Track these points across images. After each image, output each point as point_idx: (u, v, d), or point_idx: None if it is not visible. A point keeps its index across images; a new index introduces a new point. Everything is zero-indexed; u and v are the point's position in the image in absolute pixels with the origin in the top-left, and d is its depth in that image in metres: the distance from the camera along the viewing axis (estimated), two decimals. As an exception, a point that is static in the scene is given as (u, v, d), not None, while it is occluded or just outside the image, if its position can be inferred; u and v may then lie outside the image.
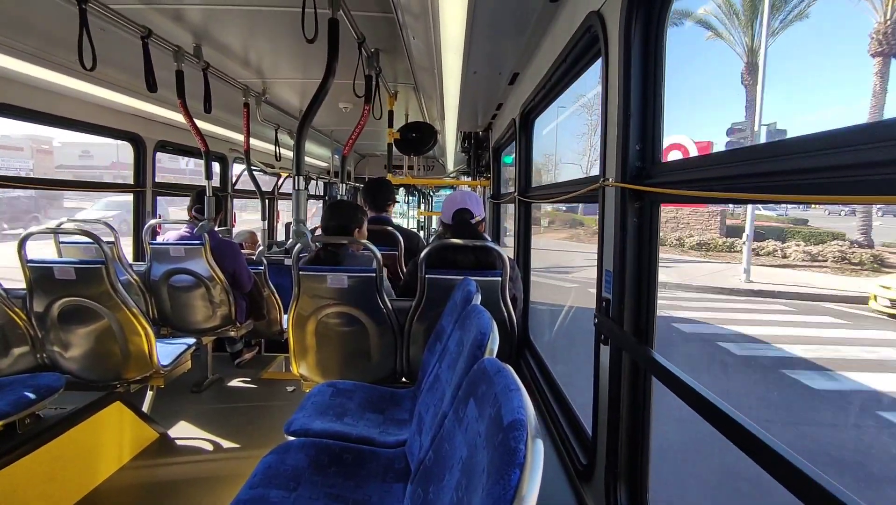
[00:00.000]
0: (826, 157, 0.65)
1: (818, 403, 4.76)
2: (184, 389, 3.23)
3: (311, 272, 2.15)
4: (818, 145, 0.66)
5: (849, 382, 5.21)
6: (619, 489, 1.27)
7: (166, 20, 2.29)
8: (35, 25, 2.23)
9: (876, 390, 5.04)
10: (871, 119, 11.22)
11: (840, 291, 9.69)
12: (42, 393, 2.06)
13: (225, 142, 4.86)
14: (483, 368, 0.98)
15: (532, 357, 2.63)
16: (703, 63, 20.39)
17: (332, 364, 2.30)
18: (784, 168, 0.73)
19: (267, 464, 1.51)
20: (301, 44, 1.93)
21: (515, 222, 3.15)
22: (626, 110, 1.21)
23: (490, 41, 2.31)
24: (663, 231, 9.79)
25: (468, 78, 2.80)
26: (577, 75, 1.98)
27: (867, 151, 0.58)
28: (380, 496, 1.44)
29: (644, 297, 1.22)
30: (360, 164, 8.07)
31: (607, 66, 1.34)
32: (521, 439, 0.71)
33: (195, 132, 2.97)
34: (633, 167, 1.21)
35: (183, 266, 3.02)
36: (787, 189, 0.73)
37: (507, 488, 0.67)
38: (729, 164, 0.87)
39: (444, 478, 1.02)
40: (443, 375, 1.55)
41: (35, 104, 2.80)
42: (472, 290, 1.79)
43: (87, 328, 2.42)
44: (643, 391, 1.23)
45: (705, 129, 27.12)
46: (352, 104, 4.02)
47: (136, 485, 2.26)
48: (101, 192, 15.06)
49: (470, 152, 5.45)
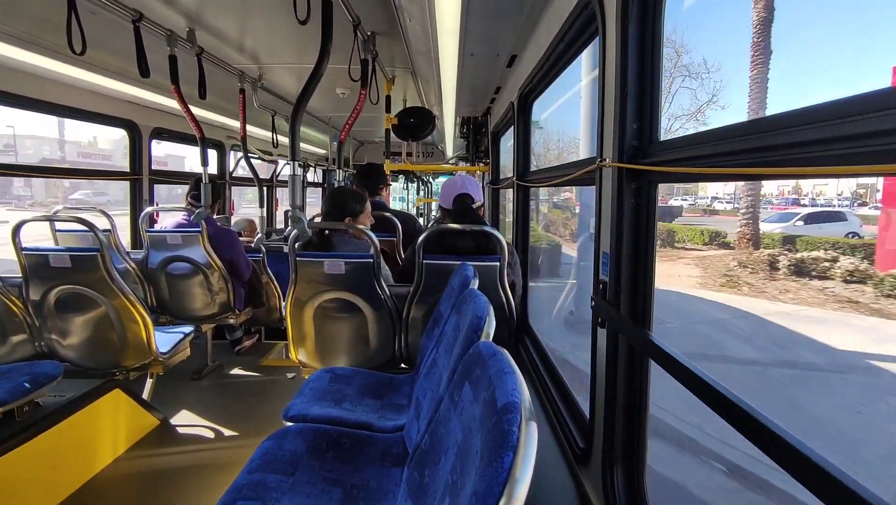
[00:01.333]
0: (828, 129, 0.62)
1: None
2: (184, 376, 3.24)
3: (308, 258, 2.14)
4: (819, 117, 0.64)
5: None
6: (615, 472, 1.27)
7: (158, 3, 2.25)
8: (22, 7, 2.18)
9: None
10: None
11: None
12: (40, 381, 2.06)
13: (222, 129, 4.82)
14: (478, 352, 0.97)
15: (531, 342, 2.63)
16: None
17: (331, 350, 2.30)
18: (784, 141, 0.71)
19: (265, 449, 1.51)
20: (297, 28, 1.90)
21: (514, 207, 3.13)
22: (623, 88, 1.18)
23: (487, 22, 2.27)
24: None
25: (465, 60, 2.76)
26: (575, 55, 1.95)
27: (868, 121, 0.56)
28: (377, 480, 1.45)
29: (641, 279, 1.21)
30: (360, 151, 8.02)
31: (604, 45, 1.31)
32: (515, 422, 0.70)
33: (190, 119, 2.94)
34: (630, 146, 1.19)
35: (180, 253, 3.01)
36: (788, 163, 0.71)
37: (501, 471, 0.66)
38: (727, 140, 0.85)
39: (440, 461, 1.02)
40: (440, 360, 1.55)
41: (26, 90, 2.76)
42: (469, 274, 1.78)
43: (84, 316, 2.42)
44: (640, 374, 1.23)
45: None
46: (349, 89, 3.97)
47: (135, 472, 2.27)
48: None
49: (468, 137, 5.42)
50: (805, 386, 4.97)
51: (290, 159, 2.13)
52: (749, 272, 9.57)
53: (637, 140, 1.19)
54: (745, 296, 8.65)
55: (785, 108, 0.69)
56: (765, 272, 9.42)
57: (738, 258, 10.29)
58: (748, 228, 11.30)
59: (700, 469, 3.45)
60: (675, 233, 13.55)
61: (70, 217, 2.41)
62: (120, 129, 3.65)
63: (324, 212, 2.40)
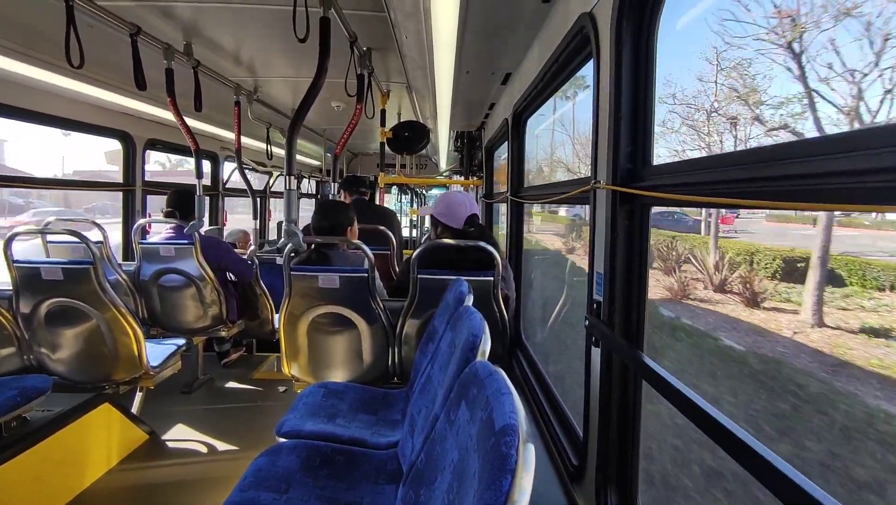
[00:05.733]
0: (820, 164, 0.64)
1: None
2: (174, 390, 3.20)
3: (303, 272, 2.14)
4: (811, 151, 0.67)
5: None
6: (609, 490, 1.28)
7: (156, 17, 2.26)
8: (21, 21, 2.19)
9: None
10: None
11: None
12: (29, 395, 2.03)
13: (216, 140, 4.82)
14: (475, 371, 0.98)
15: (524, 357, 2.64)
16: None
17: (324, 364, 2.29)
18: (776, 174, 0.73)
19: (258, 466, 1.50)
20: (293, 42, 1.91)
21: (508, 222, 3.15)
22: (618, 112, 1.21)
23: (482, 41, 2.31)
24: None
25: (461, 77, 2.80)
26: (570, 76, 1.99)
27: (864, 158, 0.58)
28: (371, 498, 1.44)
29: (634, 300, 1.22)
30: (353, 163, 8.03)
31: (598, 68, 1.34)
32: (513, 445, 0.70)
33: (185, 131, 2.94)
34: (623, 169, 1.22)
35: (173, 266, 2.99)
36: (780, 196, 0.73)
37: (499, 494, 0.66)
38: (720, 169, 0.87)
39: (436, 480, 1.02)
40: (435, 377, 1.55)
41: (21, 102, 2.76)
42: (463, 290, 1.78)
43: (74, 329, 2.39)
44: (633, 394, 1.24)
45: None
46: (344, 103, 4.00)
47: (125, 487, 2.23)
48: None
49: (463, 151, 5.46)
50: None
51: (286, 173, 2.14)
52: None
53: (630, 163, 1.21)
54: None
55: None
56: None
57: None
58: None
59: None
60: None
61: (62, 229, 2.39)
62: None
63: (315, 226, 2.38)
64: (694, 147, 5.12)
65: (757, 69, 4.25)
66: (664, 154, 5.21)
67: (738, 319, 5.14)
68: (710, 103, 4.91)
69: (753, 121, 4.58)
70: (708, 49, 4.53)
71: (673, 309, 5.83)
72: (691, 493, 3.30)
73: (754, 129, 4.65)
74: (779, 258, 5.35)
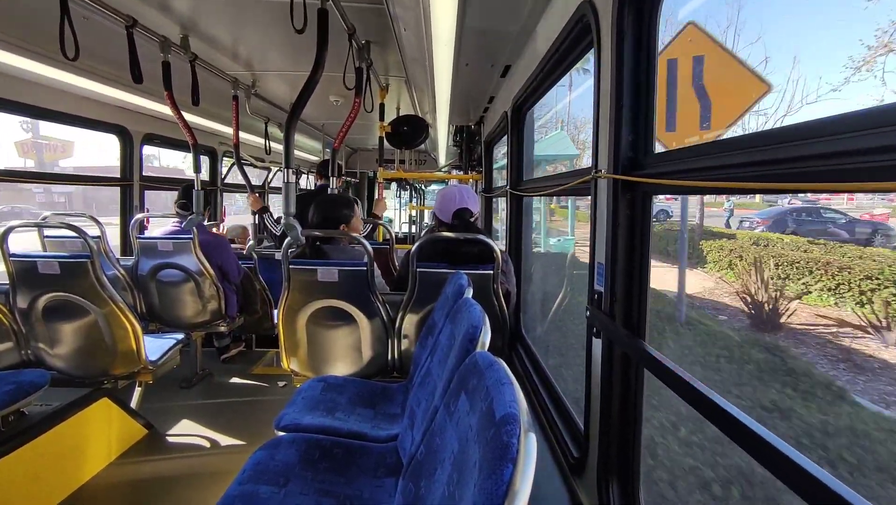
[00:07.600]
0: (827, 144, 0.63)
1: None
2: (173, 384, 3.19)
3: (301, 266, 2.13)
4: (815, 132, 0.65)
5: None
6: (610, 482, 1.27)
7: (152, 10, 2.24)
8: (14, 13, 2.16)
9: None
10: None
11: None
12: (26, 390, 2.02)
13: (214, 135, 4.79)
14: (474, 362, 0.97)
15: (524, 351, 2.63)
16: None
17: (324, 359, 2.28)
18: (779, 156, 0.71)
19: (256, 460, 1.49)
20: (291, 35, 1.89)
21: (507, 216, 3.14)
22: (619, 101, 1.20)
23: (481, 33, 2.29)
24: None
25: (460, 70, 2.77)
26: (570, 67, 1.97)
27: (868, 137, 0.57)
28: (371, 491, 1.43)
29: (636, 289, 1.21)
30: (352, 159, 8.00)
31: (599, 57, 1.33)
32: (514, 434, 0.69)
33: (183, 125, 2.92)
34: (625, 158, 1.20)
35: (171, 261, 2.98)
36: (784, 178, 0.72)
37: (500, 483, 0.65)
38: (722, 154, 0.86)
39: (436, 472, 1.01)
40: (434, 370, 1.54)
41: (16, 95, 2.73)
42: (463, 284, 1.78)
43: (72, 324, 2.38)
44: (635, 384, 1.23)
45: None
46: (343, 97, 3.97)
47: (124, 482, 2.23)
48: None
49: (462, 146, 5.44)
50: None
51: (284, 167, 2.12)
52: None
53: (632, 152, 1.20)
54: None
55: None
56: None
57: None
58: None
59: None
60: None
61: (60, 223, 2.38)
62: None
63: (314, 223, 2.35)
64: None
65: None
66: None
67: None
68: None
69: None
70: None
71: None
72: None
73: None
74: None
